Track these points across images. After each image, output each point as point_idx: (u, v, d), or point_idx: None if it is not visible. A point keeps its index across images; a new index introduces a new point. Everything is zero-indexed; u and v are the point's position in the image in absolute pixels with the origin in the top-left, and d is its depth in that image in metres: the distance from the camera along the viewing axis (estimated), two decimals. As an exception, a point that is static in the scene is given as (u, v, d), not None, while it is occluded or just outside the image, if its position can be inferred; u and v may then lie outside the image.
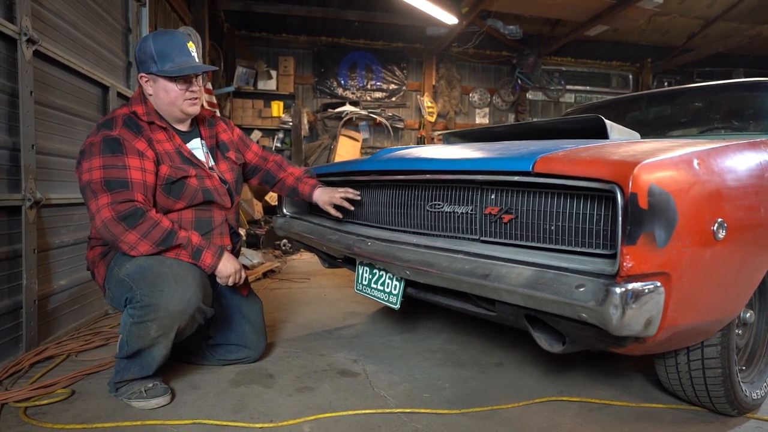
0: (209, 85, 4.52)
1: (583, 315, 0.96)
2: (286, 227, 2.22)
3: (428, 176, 1.45)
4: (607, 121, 1.50)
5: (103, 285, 1.56)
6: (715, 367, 1.31)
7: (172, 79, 1.52)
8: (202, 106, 4.23)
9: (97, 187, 1.41)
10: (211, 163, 1.70)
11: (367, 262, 1.66)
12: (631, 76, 7.69)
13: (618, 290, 0.91)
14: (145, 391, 1.42)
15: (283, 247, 4.57)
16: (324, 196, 1.87)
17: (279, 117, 6.35)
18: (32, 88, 1.80)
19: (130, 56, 2.81)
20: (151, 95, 1.57)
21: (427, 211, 1.49)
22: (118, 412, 1.39)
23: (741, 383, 1.38)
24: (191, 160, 1.61)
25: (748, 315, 1.40)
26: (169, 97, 1.55)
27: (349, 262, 1.86)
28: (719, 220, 1.05)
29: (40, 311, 1.87)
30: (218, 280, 1.57)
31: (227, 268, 1.55)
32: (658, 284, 0.96)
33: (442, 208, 1.43)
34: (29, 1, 1.80)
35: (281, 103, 6.39)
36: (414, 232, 1.55)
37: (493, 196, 1.29)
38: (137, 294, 1.38)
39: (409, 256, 1.41)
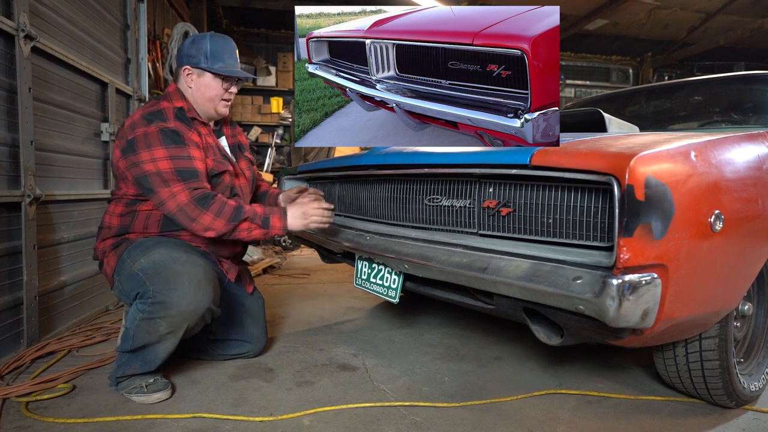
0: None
1: (581, 307, 0.97)
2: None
3: (426, 170, 1.45)
4: (605, 115, 1.50)
5: (112, 276, 1.57)
6: (713, 359, 1.31)
7: (218, 77, 1.60)
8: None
9: (169, 176, 1.45)
10: (234, 160, 1.77)
11: (366, 256, 1.67)
12: (631, 71, 7.67)
13: (615, 282, 0.92)
14: (146, 386, 1.43)
15: (283, 243, 4.58)
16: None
17: (278, 113, 6.35)
18: (31, 84, 1.80)
19: (128, 52, 2.81)
20: (190, 88, 1.62)
21: (426, 205, 1.49)
22: (119, 406, 1.40)
23: (739, 375, 1.38)
24: (227, 156, 1.69)
25: (746, 307, 1.40)
26: (209, 94, 1.61)
27: (349, 257, 1.87)
28: (716, 211, 1.05)
29: (40, 307, 1.88)
30: (310, 231, 1.59)
31: (298, 219, 1.56)
32: (655, 276, 0.96)
33: (440, 201, 1.44)
34: (26, -3, 1.80)
35: (281, 99, 6.38)
36: (412, 226, 1.55)
37: (491, 190, 1.29)
38: (150, 290, 1.39)
39: (408, 250, 1.42)
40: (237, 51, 1.67)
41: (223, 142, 1.75)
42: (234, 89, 1.67)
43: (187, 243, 1.58)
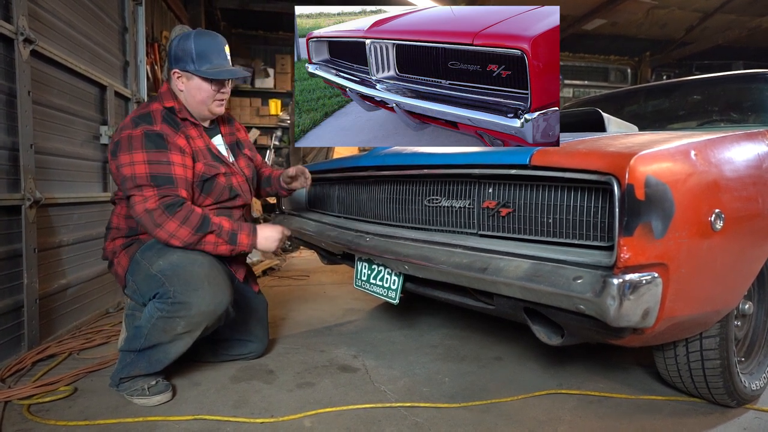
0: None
1: (581, 306, 0.97)
2: (285, 224, 2.23)
3: (425, 171, 1.45)
4: (604, 114, 1.50)
5: (124, 276, 1.57)
6: (714, 358, 1.31)
7: (208, 80, 1.56)
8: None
9: (143, 181, 1.44)
10: (231, 159, 1.74)
11: (365, 257, 1.67)
12: (629, 70, 7.68)
13: (615, 281, 0.92)
14: (148, 388, 1.43)
15: (283, 245, 4.58)
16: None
17: (277, 115, 6.36)
18: (30, 87, 1.80)
19: (127, 55, 2.81)
20: (182, 91, 1.59)
21: (425, 205, 1.49)
22: (120, 408, 1.40)
23: (740, 374, 1.38)
24: (219, 157, 1.65)
25: (746, 306, 1.40)
26: (201, 96, 1.58)
27: (348, 259, 1.87)
28: (716, 210, 1.06)
29: (41, 310, 1.88)
30: (269, 251, 1.63)
31: (268, 244, 1.58)
32: (656, 275, 0.96)
33: (439, 202, 1.44)
34: (26, 1, 1.80)
35: (279, 101, 6.39)
36: (412, 227, 1.55)
37: (490, 190, 1.29)
38: (170, 290, 1.40)
39: (408, 250, 1.41)
40: (226, 46, 1.61)
41: (219, 140, 1.72)
42: (227, 88, 1.63)
43: None
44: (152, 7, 3.63)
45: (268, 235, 1.58)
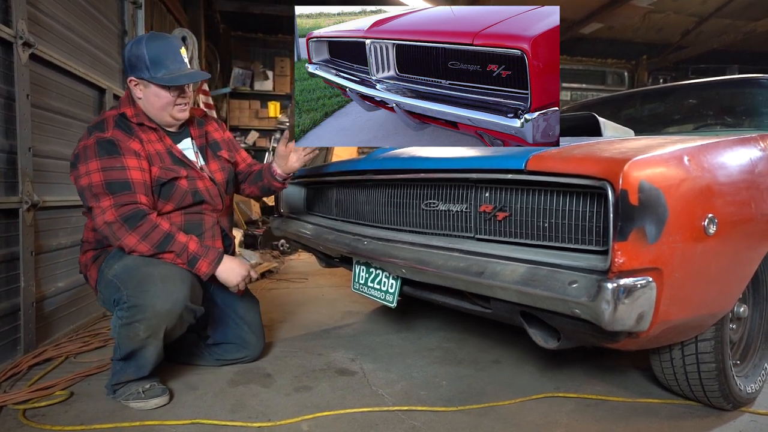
0: (206, 87, 4.52)
1: (576, 311, 0.98)
2: (283, 227, 2.23)
3: (423, 175, 1.46)
4: (600, 119, 1.52)
5: (95, 287, 1.58)
6: (710, 361, 1.32)
7: (166, 86, 1.52)
8: (197, 106, 4.24)
9: (99, 190, 1.42)
10: (201, 162, 1.69)
11: (363, 261, 1.67)
12: (626, 74, 7.72)
13: (610, 286, 0.92)
14: (143, 391, 1.43)
15: (281, 248, 4.58)
16: (292, 160, 1.77)
17: (276, 117, 6.37)
18: (29, 91, 1.81)
19: (126, 58, 2.81)
20: (140, 99, 1.56)
21: (423, 209, 1.50)
22: (117, 413, 1.40)
23: (735, 377, 1.39)
24: (182, 160, 1.61)
25: (741, 309, 1.41)
26: (161, 103, 1.54)
27: (346, 262, 1.87)
28: (710, 215, 1.06)
29: (38, 314, 1.87)
30: (230, 288, 1.58)
31: (231, 277, 1.54)
32: (650, 279, 0.97)
33: (437, 206, 1.45)
34: (25, 5, 1.81)
35: (278, 104, 6.40)
36: (410, 231, 1.56)
37: (487, 194, 1.30)
38: (124, 294, 1.38)
39: (405, 254, 1.42)
40: (182, 48, 1.57)
41: (187, 144, 1.67)
42: (188, 92, 1.58)
43: None
44: (152, 10, 3.64)
45: (234, 268, 1.55)
